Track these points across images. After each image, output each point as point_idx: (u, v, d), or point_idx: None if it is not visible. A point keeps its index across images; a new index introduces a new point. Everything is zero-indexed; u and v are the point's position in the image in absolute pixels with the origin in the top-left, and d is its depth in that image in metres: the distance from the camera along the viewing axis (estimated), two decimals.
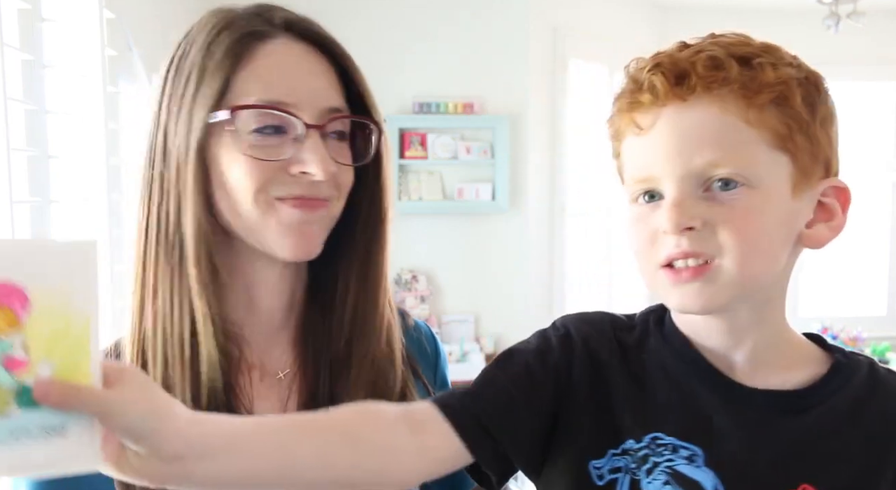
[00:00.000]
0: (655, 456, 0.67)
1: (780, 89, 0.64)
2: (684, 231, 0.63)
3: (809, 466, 0.65)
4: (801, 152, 0.65)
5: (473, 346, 3.49)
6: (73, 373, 0.51)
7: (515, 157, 3.53)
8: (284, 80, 0.72)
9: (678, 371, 0.70)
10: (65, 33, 1.68)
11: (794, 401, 0.68)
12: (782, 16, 4.13)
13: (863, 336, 3.96)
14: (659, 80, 0.64)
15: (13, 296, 0.50)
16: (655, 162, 0.65)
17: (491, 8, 3.50)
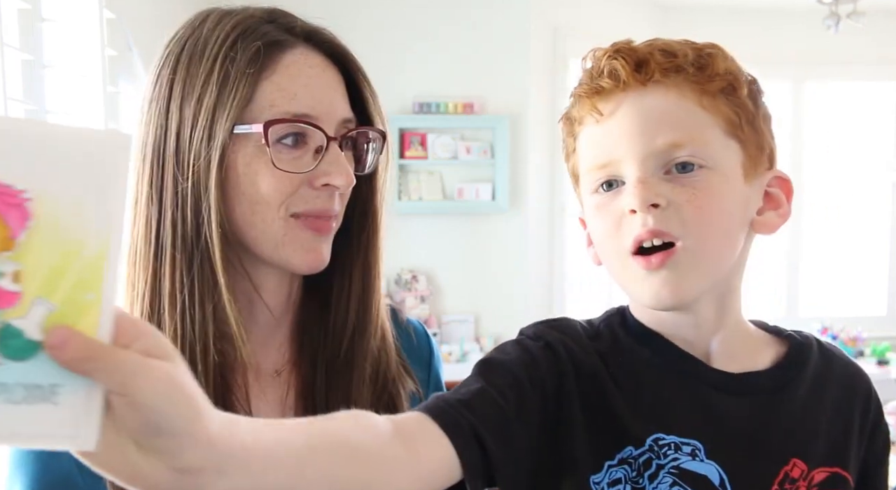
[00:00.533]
0: (659, 458, 0.67)
1: (730, 79, 0.67)
2: (650, 208, 0.64)
3: (797, 441, 0.68)
4: (749, 142, 0.68)
5: (473, 346, 3.49)
6: (76, 318, 0.38)
7: (515, 157, 3.53)
8: (307, 91, 0.73)
9: (663, 369, 0.70)
10: (65, 33, 1.68)
11: (772, 378, 0.70)
12: (782, 16, 4.13)
13: (863, 336, 3.96)
14: (620, 64, 0.67)
15: (9, 203, 0.36)
16: (617, 146, 0.67)
17: (491, 8, 3.50)
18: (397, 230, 0.95)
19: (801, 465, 0.67)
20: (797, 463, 0.67)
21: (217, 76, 0.71)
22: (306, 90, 0.73)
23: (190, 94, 0.72)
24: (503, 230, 3.58)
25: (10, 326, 0.37)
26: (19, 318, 0.37)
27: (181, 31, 0.77)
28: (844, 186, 4.38)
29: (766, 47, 4.17)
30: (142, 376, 0.38)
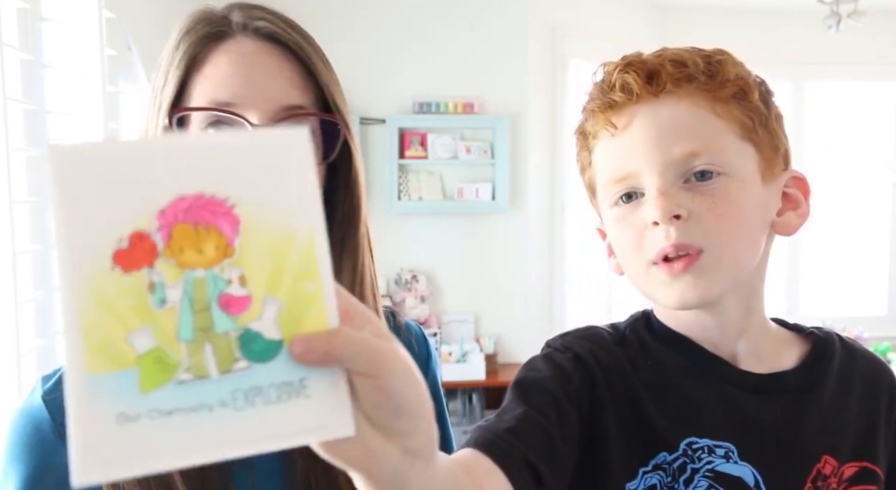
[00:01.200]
0: (693, 462, 0.67)
1: (741, 84, 0.68)
2: (672, 220, 0.65)
3: (827, 438, 0.69)
4: (764, 145, 0.69)
5: (473, 346, 3.48)
6: (304, 311, 0.38)
7: (515, 157, 3.53)
8: (232, 78, 0.70)
9: (692, 372, 0.71)
10: (64, 33, 1.68)
11: (799, 377, 0.71)
12: (782, 16, 4.13)
13: (863, 336, 3.96)
14: (632, 77, 0.67)
15: (218, 213, 0.38)
16: (634, 158, 0.67)
17: (490, 8, 3.50)
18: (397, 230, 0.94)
19: (832, 462, 0.68)
20: (828, 459, 0.68)
21: (162, 73, 0.72)
22: (231, 78, 0.70)
23: (150, 101, 0.73)
24: (503, 230, 3.58)
25: (249, 331, 0.38)
26: (255, 321, 0.38)
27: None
28: (844, 186, 4.38)
29: (766, 47, 4.17)
30: (388, 358, 0.39)
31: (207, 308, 0.38)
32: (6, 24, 1.41)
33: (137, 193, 0.37)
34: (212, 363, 0.37)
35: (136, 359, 0.36)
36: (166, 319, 0.37)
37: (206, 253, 0.38)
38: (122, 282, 0.36)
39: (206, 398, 0.37)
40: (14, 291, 1.33)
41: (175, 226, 0.37)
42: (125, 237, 0.37)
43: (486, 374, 3.35)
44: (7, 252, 1.33)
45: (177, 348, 0.37)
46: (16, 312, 1.34)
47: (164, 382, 0.37)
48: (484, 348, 3.50)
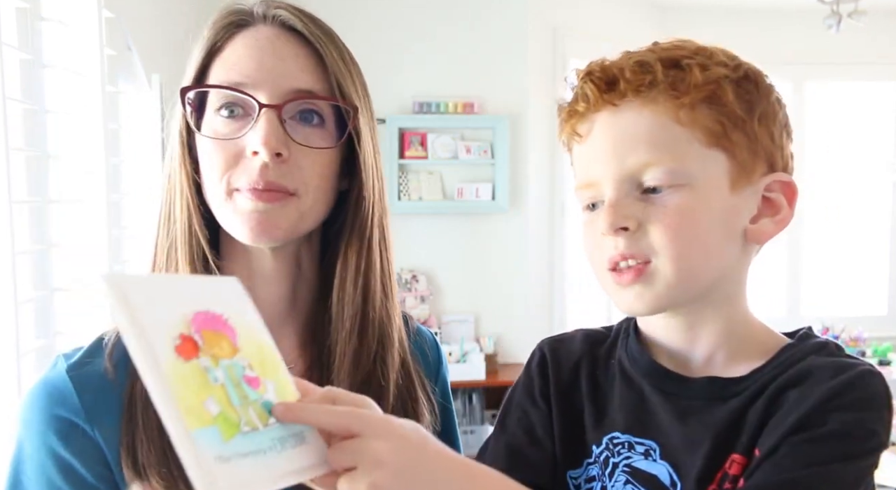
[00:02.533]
0: (614, 456, 0.70)
1: (711, 89, 0.65)
2: (619, 231, 0.66)
3: (741, 438, 0.65)
4: (739, 148, 0.66)
5: (473, 346, 3.48)
6: (284, 390, 0.55)
7: (515, 157, 3.53)
8: (246, 61, 0.73)
9: (632, 371, 0.73)
10: (64, 33, 1.67)
11: (726, 388, 0.68)
12: (782, 16, 4.13)
13: (863, 336, 3.96)
14: (589, 87, 0.67)
15: (222, 324, 0.53)
16: (595, 167, 0.68)
17: (490, 8, 3.50)
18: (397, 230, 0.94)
19: (740, 460, 0.65)
20: (735, 458, 0.65)
21: (188, 62, 0.76)
22: (245, 60, 0.73)
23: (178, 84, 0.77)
24: (503, 230, 3.58)
25: (266, 401, 0.53)
26: (265, 394, 0.53)
27: None
28: (844, 186, 4.38)
29: (766, 47, 4.16)
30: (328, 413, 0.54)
31: (240, 384, 0.52)
32: (6, 24, 1.41)
33: (173, 308, 0.51)
34: (256, 420, 0.52)
35: (213, 418, 0.49)
36: (220, 392, 0.51)
37: (225, 349, 0.53)
38: (185, 368, 0.49)
39: (261, 445, 0.51)
40: (14, 291, 1.33)
41: (202, 330, 0.52)
42: (176, 337, 0.50)
43: (486, 374, 3.35)
44: (7, 252, 1.33)
45: (233, 411, 0.51)
46: (16, 312, 1.34)
47: (235, 435, 0.50)
48: (484, 348, 3.50)
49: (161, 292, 0.52)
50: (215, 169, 0.73)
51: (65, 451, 0.70)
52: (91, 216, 1.73)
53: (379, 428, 0.54)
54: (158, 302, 0.50)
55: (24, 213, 1.54)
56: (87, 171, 1.73)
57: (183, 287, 0.55)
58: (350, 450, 0.53)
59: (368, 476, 0.52)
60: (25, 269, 1.54)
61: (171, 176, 0.77)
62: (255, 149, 0.71)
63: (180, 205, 0.76)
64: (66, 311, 1.66)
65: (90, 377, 0.72)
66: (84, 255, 1.71)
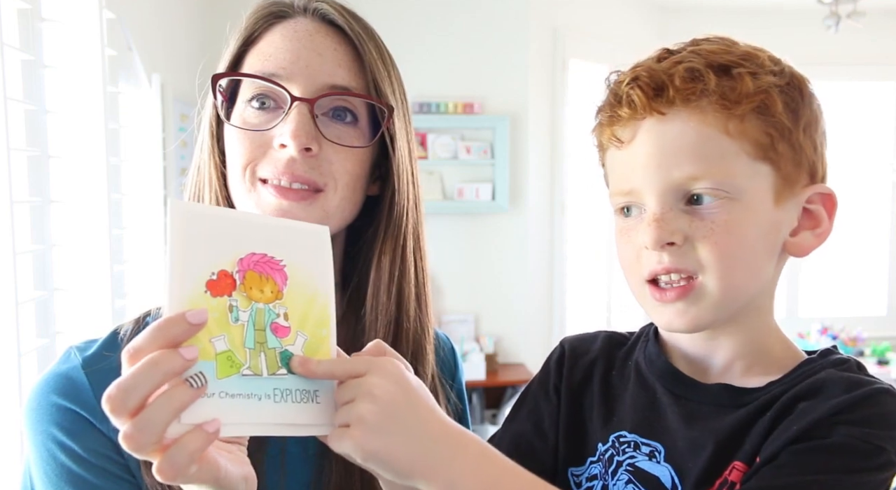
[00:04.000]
0: (619, 455, 0.69)
1: (761, 98, 0.63)
2: (665, 247, 0.64)
3: (745, 446, 0.64)
4: (784, 161, 0.65)
5: (473, 346, 3.48)
6: (318, 346, 0.56)
7: (515, 157, 3.53)
8: (282, 53, 0.72)
9: (647, 373, 0.73)
10: (65, 33, 1.68)
11: (738, 396, 0.67)
12: (782, 16, 4.13)
13: (863, 336, 3.96)
14: (636, 94, 0.64)
15: (275, 270, 0.55)
16: (636, 175, 0.65)
17: (491, 8, 3.50)
18: None
19: (741, 467, 0.64)
20: (736, 466, 0.64)
21: (223, 58, 0.75)
22: (281, 52, 0.72)
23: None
24: (503, 230, 3.58)
25: (287, 350, 0.55)
26: (291, 345, 0.55)
27: None
28: (844, 186, 4.38)
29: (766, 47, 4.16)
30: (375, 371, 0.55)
31: (264, 329, 0.54)
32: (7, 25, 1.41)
33: (226, 245, 0.53)
34: (264, 367, 0.53)
35: (216, 355, 0.51)
36: (237, 332, 0.53)
37: (265, 293, 0.54)
38: (211, 302, 0.52)
39: (258, 390, 0.53)
40: (14, 291, 1.33)
41: (248, 271, 0.54)
42: (216, 272, 0.52)
43: (486, 373, 3.35)
44: (7, 252, 1.33)
45: (242, 353, 0.53)
46: (16, 312, 1.34)
47: (232, 374, 0.52)
48: (484, 348, 3.50)
49: (224, 228, 0.53)
50: (241, 159, 0.71)
51: (75, 444, 0.68)
52: (91, 216, 1.73)
53: (384, 368, 0.55)
54: (214, 236, 0.53)
55: (25, 212, 1.55)
56: (87, 171, 1.73)
57: (254, 227, 0.56)
58: (352, 384, 0.55)
59: (358, 407, 0.53)
60: (25, 269, 1.54)
61: (200, 167, 0.76)
62: (284, 141, 0.69)
63: (208, 196, 0.75)
64: (66, 311, 1.66)
65: (107, 373, 0.69)
66: (84, 255, 1.71)
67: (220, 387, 0.51)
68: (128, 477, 0.68)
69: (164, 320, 0.50)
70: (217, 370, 0.51)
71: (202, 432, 0.49)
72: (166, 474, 0.48)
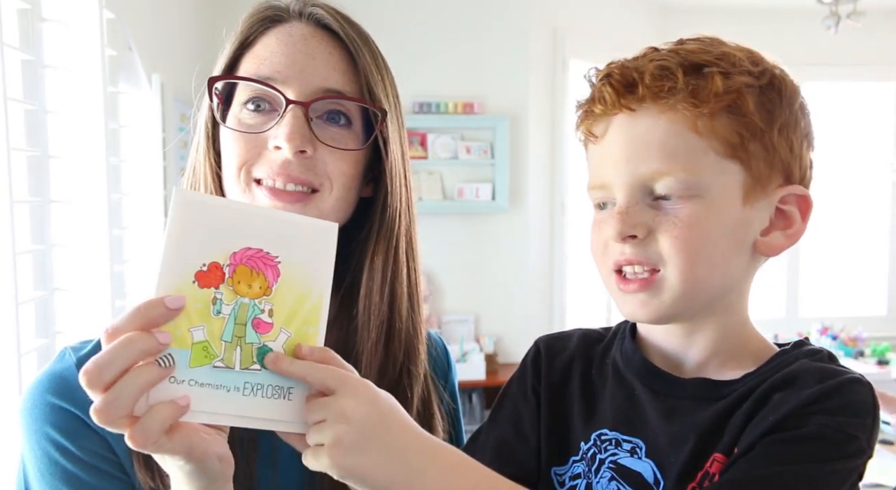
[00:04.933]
0: (601, 453, 0.71)
1: (731, 98, 0.64)
2: (627, 239, 0.65)
3: (723, 438, 0.65)
4: (755, 160, 0.65)
5: (473, 346, 3.49)
6: (304, 343, 0.57)
7: (515, 157, 3.53)
8: (278, 57, 0.72)
9: (625, 370, 0.74)
10: (65, 33, 1.68)
11: (714, 389, 0.68)
12: (782, 16, 4.13)
13: (863, 336, 3.96)
14: (608, 90, 0.66)
15: (268, 266, 0.56)
16: (607, 170, 0.67)
17: (491, 8, 3.50)
18: None
19: (721, 458, 0.65)
20: (717, 458, 0.65)
21: (221, 53, 0.76)
22: (277, 56, 0.72)
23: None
24: (503, 230, 3.58)
25: (265, 346, 0.56)
26: (271, 341, 0.56)
27: None
28: (844, 186, 4.38)
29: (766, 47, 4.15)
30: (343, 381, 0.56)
31: (244, 324, 0.55)
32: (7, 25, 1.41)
33: (222, 237, 0.54)
34: (237, 360, 0.54)
35: (192, 344, 0.53)
36: (217, 325, 0.54)
37: (253, 288, 0.55)
38: (196, 293, 0.53)
39: (227, 382, 0.54)
40: (14, 291, 1.33)
41: (239, 265, 0.55)
42: (207, 264, 0.54)
43: (486, 373, 3.35)
44: (7, 252, 1.34)
45: (218, 345, 0.54)
46: (16, 312, 1.34)
47: (205, 364, 0.53)
48: (484, 348, 3.50)
49: (225, 220, 0.55)
50: (236, 160, 0.72)
51: (69, 443, 0.69)
52: (91, 216, 1.73)
53: (353, 387, 0.56)
54: (213, 227, 0.54)
55: (25, 212, 1.55)
56: (87, 171, 1.73)
57: (256, 220, 0.56)
58: (323, 404, 0.56)
59: (333, 429, 0.55)
60: (26, 269, 1.54)
61: (196, 167, 0.77)
62: (279, 143, 0.70)
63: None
64: (66, 311, 1.66)
65: None
66: (84, 255, 1.71)
67: (191, 375, 0.53)
68: (121, 475, 0.69)
69: (143, 303, 0.52)
70: (191, 359, 0.53)
71: (173, 404, 0.52)
72: (137, 441, 0.51)
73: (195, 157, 0.77)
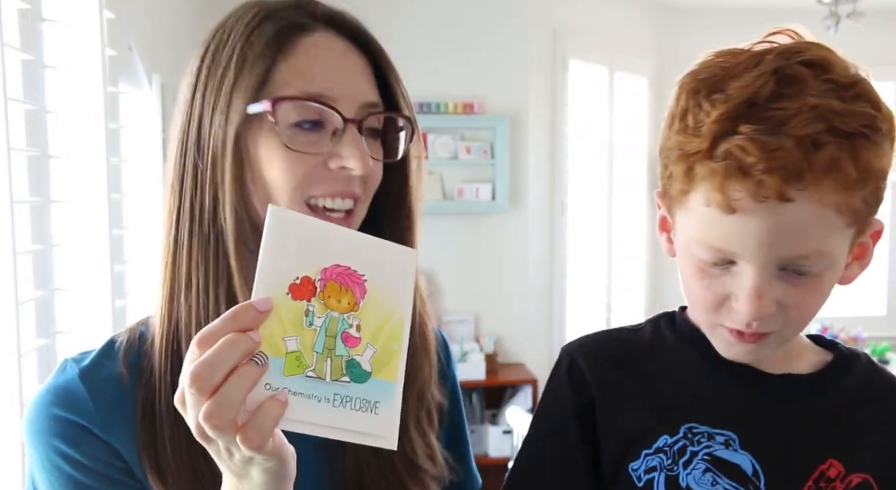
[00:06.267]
0: (693, 446, 0.70)
1: (881, 175, 0.63)
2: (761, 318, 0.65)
3: (833, 442, 0.69)
4: (866, 220, 0.66)
5: (473, 346, 3.49)
6: (388, 359, 0.59)
7: (515, 157, 3.53)
8: (325, 73, 0.71)
9: (703, 366, 0.74)
10: (65, 33, 1.68)
11: (811, 382, 0.73)
12: (782, 16, 4.11)
13: (863, 336, 3.96)
14: (773, 182, 0.59)
15: (356, 283, 0.58)
16: (741, 243, 0.63)
17: (491, 8, 3.50)
18: None
19: (838, 466, 0.68)
20: (834, 463, 0.68)
21: (237, 60, 0.70)
22: (324, 72, 0.71)
23: (212, 80, 0.71)
24: (503, 230, 3.58)
25: (354, 360, 0.57)
26: (359, 356, 0.58)
27: (216, 25, 0.77)
28: None
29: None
30: None
31: (335, 337, 0.57)
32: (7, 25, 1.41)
33: (314, 254, 0.57)
34: (328, 371, 0.56)
35: (286, 353, 0.55)
36: (309, 336, 0.56)
37: (342, 303, 0.57)
38: (290, 304, 0.56)
39: (318, 392, 0.56)
40: (14, 291, 1.33)
41: (329, 281, 0.57)
42: (300, 277, 0.56)
43: (486, 373, 3.36)
44: (7, 252, 1.34)
45: (310, 355, 0.56)
46: (16, 312, 1.34)
47: (297, 374, 0.55)
48: (484, 348, 3.50)
49: (316, 237, 0.58)
50: (291, 181, 0.70)
51: (78, 454, 0.68)
52: (91, 216, 1.73)
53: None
54: (305, 243, 0.57)
55: (25, 213, 1.55)
56: (87, 171, 1.73)
57: (341, 239, 0.59)
58: None
59: None
60: (26, 269, 1.54)
61: (212, 182, 0.71)
62: (346, 164, 0.71)
63: (231, 214, 0.70)
64: (66, 311, 1.66)
65: (105, 382, 0.71)
66: (84, 255, 1.72)
67: (285, 382, 0.54)
68: (131, 482, 0.69)
69: (236, 308, 0.54)
70: (285, 367, 0.55)
71: (277, 401, 0.53)
72: (253, 441, 0.52)
73: (217, 175, 0.71)
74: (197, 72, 0.73)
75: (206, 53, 0.73)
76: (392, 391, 0.58)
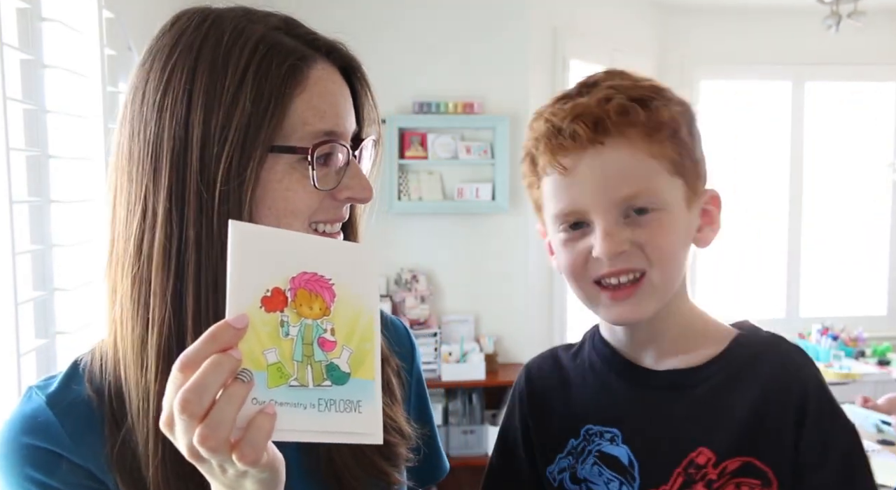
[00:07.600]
0: (589, 444, 0.83)
1: (673, 125, 0.78)
2: (616, 254, 0.76)
3: (704, 431, 0.78)
4: (690, 174, 0.79)
5: (473, 346, 3.48)
6: (363, 359, 0.60)
7: (515, 157, 3.52)
8: (333, 108, 0.72)
9: (599, 368, 0.86)
10: (64, 33, 1.68)
11: (687, 377, 0.81)
12: (782, 16, 4.13)
13: (863, 336, 3.96)
14: (581, 128, 0.76)
15: (324, 288, 0.59)
16: (582, 197, 0.77)
17: (490, 8, 3.50)
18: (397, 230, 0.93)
19: (707, 453, 0.77)
20: (703, 451, 0.77)
21: (248, 92, 0.67)
22: (332, 108, 0.72)
23: (215, 108, 0.67)
24: (503, 230, 3.58)
25: (332, 363, 0.58)
26: (336, 358, 0.59)
27: (180, 30, 0.74)
28: (844, 186, 4.38)
29: (766, 47, 4.16)
30: None
31: (311, 343, 0.58)
32: (6, 24, 1.41)
33: (280, 265, 0.58)
34: (310, 378, 0.57)
35: (267, 366, 0.56)
36: (287, 346, 0.57)
37: (314, 310, 0.58)
38: (264, 317, 0.56)
39: (303, 400, 0.57)
40: (14, 291, 1.33)
41: (299, 289, 0.58)
42: (270, 289, 0.57)
43: (486, 373, 3.35)
44: (7, 252, 1.33)
45: (291, 365, 0.57)
46: (16, 312, 1.34)
47: (281, 384, 0.56)
48: (484, 348, 3.50)
49: (278, 247, 0.58)
50: (305, 213, 0.70)
51: (52, 480, 0.67)
52: (91, 216, 1.73)
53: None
54: (270, 255, 0.57)
55: (24, 213, 1.55)
56: (87, 171, 1.73)
57: (304, 246, 0.60)
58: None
59: None
60: (25, 269, 1.54)
61: (218, 212, 0.67)
62: (356, 195, 0.73)
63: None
64: (66, 311, 1.66)
65: (73, 405, 0.70)
66: (84, 255, 1.71)
67: (271, 395, 0.55)
68: None
69: (213, 329, 0.54)
70: (268, 379, 0.56)
71: (266, 414, 0.54)
72: (249, 457, 0.53)
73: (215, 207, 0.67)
74: (187, 93, 0.68)
75: (195, 71, 0.69)
76: (371, 388, 0.60)
